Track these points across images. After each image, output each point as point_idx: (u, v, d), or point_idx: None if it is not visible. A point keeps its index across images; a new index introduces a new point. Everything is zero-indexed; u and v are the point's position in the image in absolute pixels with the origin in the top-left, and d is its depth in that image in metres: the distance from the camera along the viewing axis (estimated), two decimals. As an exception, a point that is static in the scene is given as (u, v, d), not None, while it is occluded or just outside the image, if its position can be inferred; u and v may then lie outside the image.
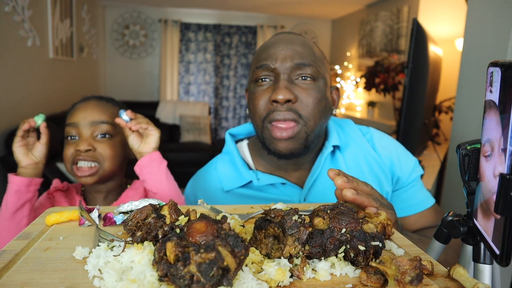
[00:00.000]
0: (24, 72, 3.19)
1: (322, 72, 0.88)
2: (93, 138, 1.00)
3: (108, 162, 1.01)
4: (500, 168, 0.40)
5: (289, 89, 0.83)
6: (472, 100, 1.81)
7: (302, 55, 0.86)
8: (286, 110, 0.83)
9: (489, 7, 1.69)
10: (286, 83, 0.84)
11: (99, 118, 1.01)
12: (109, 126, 1.02)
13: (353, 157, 0.95)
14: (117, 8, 5.72)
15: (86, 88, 4.84)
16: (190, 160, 4.73)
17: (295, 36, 0.91)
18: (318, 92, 0.86)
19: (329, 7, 5.46)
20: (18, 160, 0.98)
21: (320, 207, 0.54)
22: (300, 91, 0.84)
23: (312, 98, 0.85)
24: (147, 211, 0.52)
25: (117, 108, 1.06)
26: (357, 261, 0.48)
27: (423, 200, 0.97)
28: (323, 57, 0.93)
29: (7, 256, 0.48)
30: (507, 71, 0.40)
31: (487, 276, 0.60)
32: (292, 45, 0.87)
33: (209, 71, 6.23)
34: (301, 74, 0.85)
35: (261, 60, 0.88)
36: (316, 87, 0.86)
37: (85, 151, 0.98)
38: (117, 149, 1.04)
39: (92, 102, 1.04)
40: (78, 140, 1.00)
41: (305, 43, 0.90)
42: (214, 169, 1.00)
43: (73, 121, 1.01)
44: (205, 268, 0.37)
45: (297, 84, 0.85)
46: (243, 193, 0.94)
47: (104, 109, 1.03)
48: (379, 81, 3.82)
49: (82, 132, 1.00)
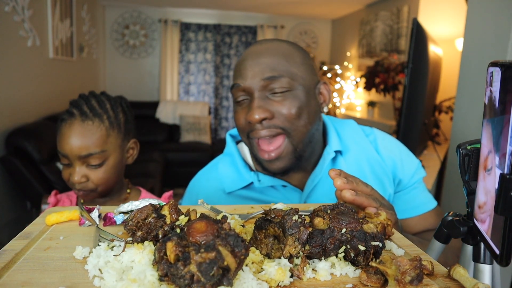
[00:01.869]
0: (24, 72, 3.19)
1: (299, 77, 0.84)
2: (86, 167, 0.98)
3: (103, 186, 1.01)
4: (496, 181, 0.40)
5: (263, 107, 0.81)
6: (472, 100, 1.81)
7: (271, 67, 0.82)
8: (265, 128, 0.82)
9: (489, 7, 1.69)
10: (259, 102, 0.82)
11: (86, 151, 0.96)
12: (98, 155, 0.97)
13: (355, 159, 0.94)
14: (117, 8, 5.72)
15: (86, 88, 4.84)
16: (190, 160, 4.73)
17: (265, 46, 0.86)
18: (296, 101, 0.83)
19: (329, 7, 5.46)
20: None
21: (320, 207, 0.54)
22: (276, 105, 0.82)
23: (289, 109, 0.82)
24: (147, 211, 0.52)
25: (105, 122, 0.99)
26: (357, 261, 0.48)
27: (425, 202, 0.97)
28: (302, 59, 0.87)
29: (7, 255, 0.48)
30: (507, 71, 0.40)
31: (487, 276, 0.60)
32: (261, 58, 0.83)
33: (209, 71, 6.23)
34: (273, 88, 0.82)
35: (234, 79, 0.87)
36: (293, 96, 0.83)
37: (79, 183, 0.98)
38: (111, 171, 1.01)
39: (76, 129, 0.96)
40: (71, 168, 0.98)
41: (274, 51, 0.85)
42: (215, 170, 0.99)
43: (61, 151, 0.97)
44: (205, 268, 0.37)
45: (271, 99, 0.83)
46: (245, 195, 0.94)
47: (90, 136, 0.96)
48: (379, 81, 3.83)
49: (73, 163, 0.97)
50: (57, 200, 1.10)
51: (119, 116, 1.03)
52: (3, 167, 2.68)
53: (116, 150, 1.01)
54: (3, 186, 2.76)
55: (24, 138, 2.76)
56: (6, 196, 2.83)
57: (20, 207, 3.02)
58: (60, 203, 1.09)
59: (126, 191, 1.11)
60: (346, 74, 5.56)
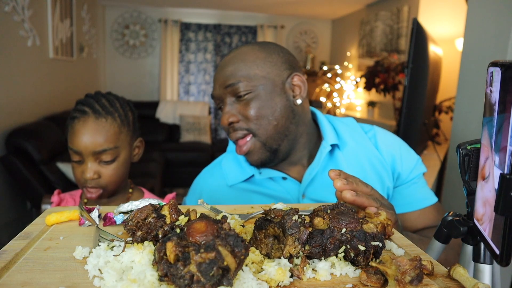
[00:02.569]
0: (24, 72, 3.19)
1: (259, 77, 0.88)
2: (98, 164, 0.99)
3: (113, 185, 1.03)
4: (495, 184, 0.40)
5: (229, 112, 0.90)
6: (472, 100, 1.81)
7: (229, 76, 0.89)
8: (234, 131, 0.91)
9: (489, 7, 1.69)
10: (227, 107, 0.90)
11: (100, 147, 0.98)
12: (112, 151, 0.99)
13: (353, 154, 0.96)
14: (117, 8, 5.72)
15: (86, 88, 4.84)
16: (190, 160, 4.73)
17: (230, 56, 0.92)
18: (256, 102, 0.88)
19: (329, 7, 5.46)
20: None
21: (320, 207, 0.54)
22: (240, 109, 0.89)
23: (252, 110, 0.88)
24: (147, 211, 0.52)
25: (117, 119, 1.02)
26: (357, 261, 0.48)
27: (425, 197, 0.97)
28: (264, 57, 0.90)
29: (7, 256, 0.48)
30: (507, 71, 0.40)
31: (487, 276, 0.60)
32: (223, 69, 0.90)
33: (209, 71, 6.23)
34: (237, 93, 0.88)
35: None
36: (253, 96, 0.88)
37: (91, 179, 0.99)
38: (121, 169, 1.03)
39: (90, 125, 0.98)
40: (83, 164, 1.00)
41: (235, 59, 0.90)
42: (219, 166, 1.05)
43: (74, 148, 0.98)
44: (205, 268, 0.37)
45: (238, 103, 0.90)
46: (245, 187, 0.98)
47: (104, 133, 0.98)
48: (379, 81, 3.82)
49: (85, 159, 0.99)
50: (61, 199, 1.10)
51: (128, 114, 1.06)
52: (3, 167, 2.68)
53: (126, 147, 1.05)
54: (3, 186, 2.76)
55: (24, 138, 2.76)
56: (6, 196, 2.83)
57: (20, 207, 3.02)
58: (64, 202, 1.10)
59: (129, 191, 1.12)
60: (346, 74, 5.56)
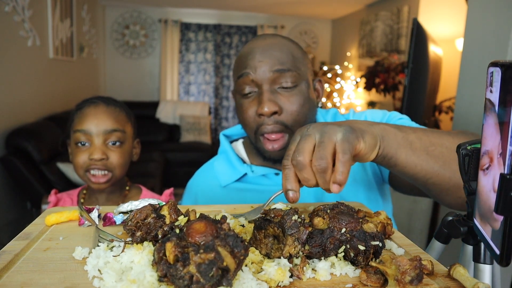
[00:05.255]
0: (24, 72, 3.19)
1: (303, 73, 0.88)
2: (105, 146, 1.01)
3: (119, 170, 1.03)
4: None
5: (273, 101, 0.84)
6: (472, 100, 1.81)
7: (280, 61, 0.85)
8: (273, 123, 0.86)
9: (489, 7, 1.69)
10: (269, 95, 0.85)
11: (111, 126, 1.01)
12: (120, 134, 1.02)
13: None
14: (117, 8, 5.72)
15: (86, 88, 4.84)
16: (190, 160, 4.73)
17: (272, 40, 0.89)
18: (301, 97, 0.87)
19: (329, 7, 5.46)
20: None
21: (320, 206, 0.54)
22: (283, 100, 0.86)
23: (296, 105, 0.86)
24: (147, 211, 0.52)
25: (123, 111, 1.07)
26: (357, 261, 0.48)
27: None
28: (302, 55, 0.91)
29: (7, 256, 0.48)
30: (507, 71, 0.40)
31: (487, 276, 0.60)
32: (269, 51, 0.86)
33: (209, 71, 6.23)
34: (282, 83, 0.85)
35: (241, 69, 0.88)
36: (299, 92, 0.87)
37: (99, 160, 0.99)
38: (127, 156, 1.06)
39: (102, 108, 1.02)
40: (90, 147, 1.00)
41: (282, 45, 0.88)
42: (211, 167, 1.03)
43: (84, 128, 0.99)
44: (205, 269, 0.37)
45: (279, 93, 0.86)
46: (239, 187, 0.97)
47: (115, 116, 1.03)
48: (379, 81, 3.82)
49: (94, 140, 0.99)
50: (58, 199, 1.10)
51: (130, 113, 1.11)
52: (3, 167, 2.68)
53: (130, 139, 1.08)
54: (3, 186, 2.76)
55: (24, 138, 2.76)
56: (6, 196, 2.83)
57: (20, 207, 3.02)
58: (61, 202, 1.09)
59: (126, 188, 1.13)
60: (346, 74, 5.56)
